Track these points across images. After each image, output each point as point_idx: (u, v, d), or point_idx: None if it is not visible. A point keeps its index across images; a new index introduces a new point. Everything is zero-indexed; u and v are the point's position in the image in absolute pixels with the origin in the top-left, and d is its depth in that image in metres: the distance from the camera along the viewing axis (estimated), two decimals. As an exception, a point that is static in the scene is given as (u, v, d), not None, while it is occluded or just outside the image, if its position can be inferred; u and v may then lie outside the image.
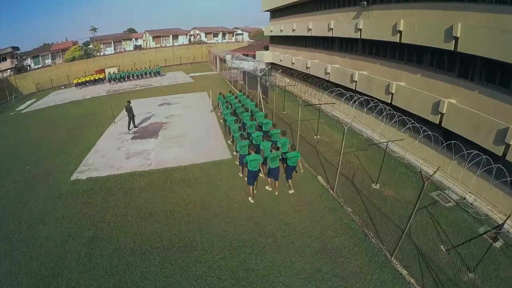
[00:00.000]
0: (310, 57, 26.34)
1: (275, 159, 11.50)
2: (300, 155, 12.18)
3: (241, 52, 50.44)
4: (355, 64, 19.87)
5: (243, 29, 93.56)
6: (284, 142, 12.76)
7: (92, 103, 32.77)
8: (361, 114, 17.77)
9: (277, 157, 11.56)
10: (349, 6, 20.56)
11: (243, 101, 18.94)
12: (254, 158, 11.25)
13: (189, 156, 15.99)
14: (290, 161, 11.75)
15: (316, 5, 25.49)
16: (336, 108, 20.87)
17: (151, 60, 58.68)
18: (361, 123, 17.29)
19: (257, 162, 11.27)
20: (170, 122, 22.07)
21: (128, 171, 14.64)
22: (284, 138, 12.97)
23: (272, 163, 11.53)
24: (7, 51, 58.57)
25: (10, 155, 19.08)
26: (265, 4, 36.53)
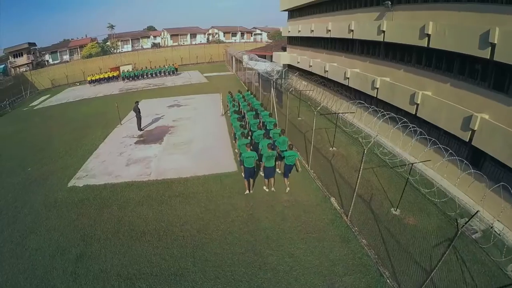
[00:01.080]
0: (329, 60, 25.00)
1: (270, 158, 11.68)
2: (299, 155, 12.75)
3: (258, 52, 49.44)
4: (376, 69, 18.46)
5: (262, 29, 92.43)
6: (283, 140, 12.92)
7: (103, 101, 32.73)
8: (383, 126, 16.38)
9: (272, 157, 11.71)
10: (371, 6, 19.19)
11: (249, 100, 19.26)
12: (250, 155, 11.59)
13: (191, 166, 15.01)
14: (288, 160, 12.00)
15: (336, 5, 24.15)
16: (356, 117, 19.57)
17: (167, 59, 58.39)
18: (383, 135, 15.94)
19: (252, 159, 11.62)
20: (178, 126, 21.24)
21: (126, 180, 13.97)
22: (283, 137, 13.14)
23: (267, 162, 11.73)
24: (23, 47, 59.59)
25: (14, 154, 19.07)
26: (283, 4, 35.31)
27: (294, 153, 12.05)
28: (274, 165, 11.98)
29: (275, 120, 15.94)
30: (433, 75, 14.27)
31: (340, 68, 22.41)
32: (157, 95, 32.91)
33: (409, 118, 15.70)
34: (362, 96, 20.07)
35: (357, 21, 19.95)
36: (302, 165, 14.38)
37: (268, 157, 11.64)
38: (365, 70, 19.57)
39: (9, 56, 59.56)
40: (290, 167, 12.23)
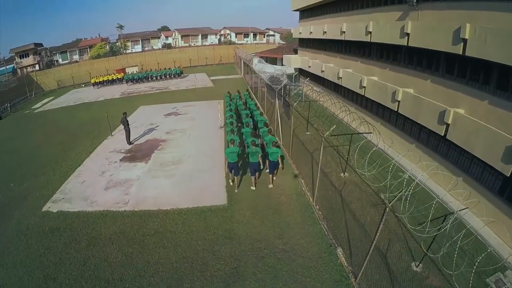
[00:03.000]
0: (343, 65, 22.52)
1: (254, 154, 12.35)
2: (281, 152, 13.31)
3: (269, 55, 47.35)
4: (398, 78, 15.95)
5: (275, 30, 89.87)
6: (270, 139, 13.31)
7: (102, 106, 31.82)
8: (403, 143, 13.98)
9: (256, 153, 12.32)
10: (392, 4, 16.72)
11: (246, 99, 21.01)
12: (232, 150, 12.24)
13: (174, 195, 12.91)
14: (271, 156, 12.57)
15: (351, 3, 21.70)
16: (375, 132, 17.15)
17: (175, 60, 56.78)
18: (406, 156, 13.50)
19: (234, 154, 12.25)
20: (170, 140, 19.22)
21: (101, 208, 12.34)
22: (270, 136, 13.62)
23: (251, 158, 12.47)
24: (30, 48, 59.17)
25: (1, 165, 18.40)
26: (294, 3, 32.96)
27: (277, 150, 12.58)
28: (258, 161, 12.50)
29: (265, 119, 17.14)
30: (468, 89, 11.74)
31: (355, 75, 19.94)
32: (157, 100, 31.52)
33: (434, 140, 13.36)
34: (380, 109, 17.64)
35: (375, 22, 17.44)
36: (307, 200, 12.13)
37: (251, 153, 12.37)
38: (384, 79, 17.07)
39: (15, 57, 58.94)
40: (274, 163, 12.75)
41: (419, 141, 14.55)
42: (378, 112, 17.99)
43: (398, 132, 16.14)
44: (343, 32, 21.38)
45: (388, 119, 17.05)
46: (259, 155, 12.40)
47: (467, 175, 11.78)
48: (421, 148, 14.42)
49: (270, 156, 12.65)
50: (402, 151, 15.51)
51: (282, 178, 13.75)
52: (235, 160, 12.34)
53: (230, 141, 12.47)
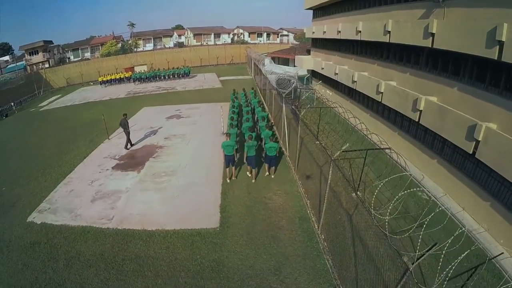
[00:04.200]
0: (358, 68, 20.86)
1: (251, 148, 12.86)
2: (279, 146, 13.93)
3: (281, 55, 45.95)
4: (420, 85, 14.26)
5: (289, 30, 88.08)
6: (267, 134, 14.13)
7: (106, 106, 31.56)
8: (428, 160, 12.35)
9: (252, 146, 12.89)
10: (414, 0, 15.05)
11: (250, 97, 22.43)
12: (228, 144, 12.77)
13: (162, 213, 11.61)
14: (269, 151, 13.07)
15: (368, 1, 20.05)
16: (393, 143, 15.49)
17: (186, 59, 55.90)
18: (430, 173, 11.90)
19: (231, 148, 12.77)
20: (167, 147, 18.00)
21: (84, 223, 11.39)
22: (267, 131, 14.43)
23: (248, 151, 12.92)
24: (39, 45, 59.22)
25: None
26: (307, 1, 31.35)
27: (274, 144, 13.02)
28: (255, 154, 13.12)
29: (265, 114, 18.09)
30: (503, 101, 10.03)
31: (371, 79, 18.29)
32: (162, 101, 30.63)
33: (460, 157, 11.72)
34: (398, 117, 15.98)
35: (395, 21, 15.77)
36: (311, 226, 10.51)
37: (248, 147, 12.84)
38: (404, 84, 15.38)
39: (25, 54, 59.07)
40: (271, 157, 13.24)
41: (442, 156, 12.88)
42: (396, 121, 16.33)
43: (418, 145, 14.49)
44: (359, 31, 19.74)
45: (407, 130, 15.40)
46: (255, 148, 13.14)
47: (498, 201, 10.12)
48: (443, 165, 12.76)
49: (267, 151, 13.18)
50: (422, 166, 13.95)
51: (286, 197, 12.31)
52: (231, 153, 12.92)
53: (227, 134, 13.38)
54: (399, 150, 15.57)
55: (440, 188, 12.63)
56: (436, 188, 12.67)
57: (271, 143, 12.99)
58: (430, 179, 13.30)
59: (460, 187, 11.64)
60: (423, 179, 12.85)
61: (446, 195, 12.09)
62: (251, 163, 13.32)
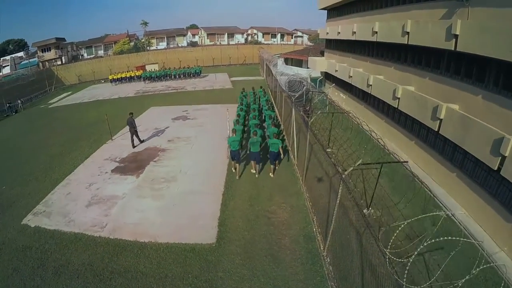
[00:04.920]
0: (374, 71, 19.84)
1: (255, 144, 13.12)
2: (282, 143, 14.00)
3: (294, 56, 45.16)
4: (440, 91, 13.21)
5: (303, 31, 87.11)
6: (272, 131, 14.42)
7: (114, 105, 31.57)
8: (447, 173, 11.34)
9: (257, 143, 13.13)
10: (434, 0, 14.04)
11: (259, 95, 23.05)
12: (234, 139, 13.17)
13: (157, 223, 10.92)
14: (272, 147, 13.31)
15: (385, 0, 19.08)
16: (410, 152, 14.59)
17: (198, 59, 55.47)
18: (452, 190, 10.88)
19: (236, 143, 13.17)
20: (170, 150, 17.33)
21: (76, 230, 10.94)
22: (273, 128, 14.80)
23: (252, 147, 13.22)
24: (51, 42, 59.96)
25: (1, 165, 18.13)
26: (321, 1, 30.35)
27: (277, 141, 13.23)
28: (259, 150, 13.46)
29: (272, 112, 18.44)
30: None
31: (387, 84, 17.23)
32: (170, 101, 30.21)
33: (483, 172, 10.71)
34: (416, 125, 14.94)
35: (414, 21, 14.73)
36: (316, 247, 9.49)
37: (252, 143, 13.13)
38: (424, 90, 14.32)
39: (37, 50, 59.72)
40: (274, 154, 13.38)
41: (462, 170, 11.78)
42: (413, 129, 15.27)
43: (436, 156, 13.42)
44: (375, 32, 18.73)
45: (424, 139, 14.34)
46: (259, 144, 13.38)
47: None
48: (463, 179, 11.69)
49: (271, 147, 13.39)
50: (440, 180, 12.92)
51: (291, 212, 11.28)
52: (236, 148, 13.30)
53: (233, 130, 13.65)
54: (416, 161, 14.71)
55: (458, 205, 11.62)
56: (455, 205, 11.65)
57: (274, 139, 13.39)
58: (448, 194, 12.29)
59: (481, 205, 10.61)
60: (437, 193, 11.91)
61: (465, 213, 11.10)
62: (255, 159, 13.67)
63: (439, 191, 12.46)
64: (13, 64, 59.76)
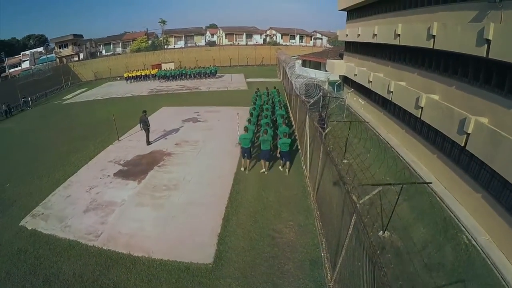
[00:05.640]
0: (395, 77, 18.73)
1: (265, 142, 13.49)
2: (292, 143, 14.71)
3: (312, 58, 44.27)
4: (468, 102, 12.05)
5: (322, 33, 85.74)
6: (282, 130, 14.38)
7: (126, 103, 31.60)
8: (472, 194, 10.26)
9: (267, 141, 13.48)
10: (464, 0, 12.94)
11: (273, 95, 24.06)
12: (245, 136, 13.58)
13: (153, 236, 10.27)
14: (282, 147, 13.43)
15: (409, 0, 17.88)
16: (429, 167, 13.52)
17: (215, 58, 55.12)
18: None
19: (247, 140, 13.51)
20: (176, 155, 16.72)
21: (71, 237, 10.57)
22: (284, 127, 14.95)
23: (262, 145, 13.60)
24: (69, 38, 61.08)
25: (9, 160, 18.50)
26: (341, 1, 29.36)
27: (288, 140, 13.44)
28: (269, 148, 13.71)
29: (283, 112, 18.67)
30: None
31: (410, 91, 16.10)
32: (183, 101, 29.94)
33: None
34: (439, 138, 13.83)
35: (441, 23, 13.64)
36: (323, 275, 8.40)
37: (263, 141, 13.57)
38: (449, 100, 13.17)
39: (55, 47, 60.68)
40: (285, 153, 13.58)
41: (489, 191, 10.64)
42: (436, 141, 14.12)
43: (460, 173, 12.24)
44: (398, 35, 17.59)
45: (448, 153, 13.20)
46: (270, 142, 13.68)
47: None
48: (489, 201, 10.54)
49: (281, 147, 13.51)
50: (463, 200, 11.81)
51: (298, 232, 10.21)
52: (247, 146, 13.70)
53: (244, 128, 14.00)
54: (437, 175, 13.62)
55: (482, 230, 10.52)
56: (478, 229, 10.56)
57: (284, 139, 13.46)
58: (471, 216, 11.18)
59: (506, 231, 9.54)
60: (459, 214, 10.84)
61: (489, 239, 10.02)
62: (264, 157, 13.94)
63: (461, 211, 11.36)
64: (32, 59, 61.09)
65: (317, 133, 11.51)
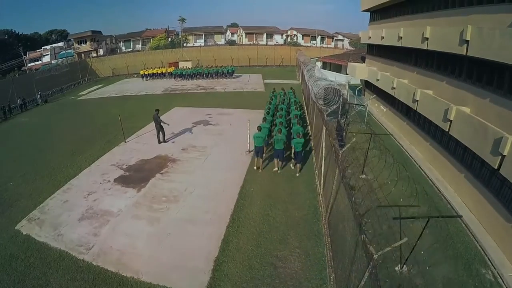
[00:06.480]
0: (422, 84, 17.39)
1: (279, 141, 13.73)
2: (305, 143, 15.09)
3: (333, 60, 43.06)
4: (505, 118, 10.74)
5: (344, 35, 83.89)
6: (296, 129, 14.50)
7: (138, 102, 31.32)
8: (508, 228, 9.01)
9: (281, 140, 13.70)
10: (501, 2, 11.59)
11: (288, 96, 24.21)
12: (258, 135, 13.85)
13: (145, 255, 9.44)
14: (296, 146, 13.54)
15: (439, 2, 16.47)
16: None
17: (233, 58, 54.44)
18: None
19: (260, 139, 13.81)
20: (181, 161, 15.90)
21: (62, 247, 10.13)
22: (298, 127, 14.97)
23: (276, 144, 13.88)
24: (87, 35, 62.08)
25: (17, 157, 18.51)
26: (364, 2, 28.07)
27: (300, 140, 13.46)
28: (283, 148, 13.83)
29: (299, 112, 19.38)
30: None
31: (438, 101, 14.78)
32: (196, 102, 29.25)
33: None
34: (468, 156, 12.49)
35: (477, 27, 12.31)
36: None
37: (276, 140, 13.73)
38: (483, 114, 11.81)
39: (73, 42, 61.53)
40: (297, 153, 13.68)
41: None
42: (465, 159, 12.70)
43: (490, 197, 10.83)
44: (426, 38, 16.26)
45: (477, 174, 11.79)
46: (284, 142, 13.81)
47: None
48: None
49: (295, 146, 13.57)
50: (492, 229, 10.49)
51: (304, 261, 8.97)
52: (260, 145, 13.89)
53: (258, 127, 14.20)
54: (463, 197, 12.29)
55: (510, 265, 9.24)
56: (506, 265, 9.26)
57: (297, 138, 13.52)
58: (498, 248, 9.87)
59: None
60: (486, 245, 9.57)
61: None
62: (278, 156, 14.14)
63: (488, 242, 10.03)
64: (53, 53, 62.02)
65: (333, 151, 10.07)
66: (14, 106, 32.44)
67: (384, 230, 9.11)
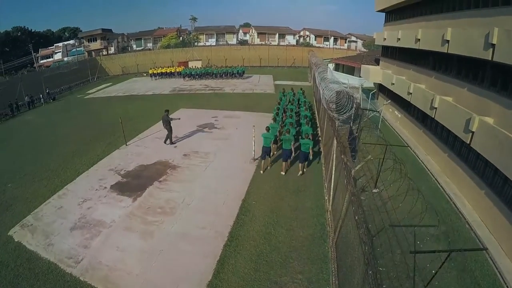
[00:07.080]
0: (440, 90, 16.35)
1: (286, 141, 13.71)
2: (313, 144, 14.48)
3: (346, 62, 42.11)
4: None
5: (358, 36, 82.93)
6: (305, 130, 14.67)
7: (144, 103, 31.03)
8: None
9: (288, 140, 13.64)
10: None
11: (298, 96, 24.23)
12: (267, 136, 14.05)
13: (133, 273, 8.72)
14: (303, 147, 13.68)
15: (460, 2, 15.46)
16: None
17: (244, 58, 53.79)
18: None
19: (268, 139, 14.00)
20: (181, 168, 15.19)
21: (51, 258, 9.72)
22: (307, 127, 15.28)
23: (284, 144, 13.92)
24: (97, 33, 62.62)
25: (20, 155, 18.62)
26: (379, 2, 27.03)
27: (308, 141, 13.43)
28: (290, 148, 13.64)
29: (308, 113, 18.41)
30: None
31: (458, 110, 13.76)
32: (203, 104, 28.57)
33: None
34: (490, 170, 11.43)
35: (504, 30, 11.18)
36: None
37: (284, 140, 13.76)
38: (508, 126, 10.82)
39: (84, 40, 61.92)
40: (304, 154, 13.70)
41: None
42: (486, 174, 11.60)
43: None
44: (446, 41, 15.20)
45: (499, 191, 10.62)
46: (291, 142, 13.61)
47: None
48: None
49: (301, 147, 13.73)
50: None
51: None
52: (268, 145, 14.04)
53: (266, 128, 14.48)
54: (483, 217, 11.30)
55: None
56: None
57: (305, 139, 13.55)
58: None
59: None
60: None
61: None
62: (285, 157, 14.02)
63: None
64: (65, 50, 62.72)
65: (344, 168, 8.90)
66: (22, 104, 32.48)
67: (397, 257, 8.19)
